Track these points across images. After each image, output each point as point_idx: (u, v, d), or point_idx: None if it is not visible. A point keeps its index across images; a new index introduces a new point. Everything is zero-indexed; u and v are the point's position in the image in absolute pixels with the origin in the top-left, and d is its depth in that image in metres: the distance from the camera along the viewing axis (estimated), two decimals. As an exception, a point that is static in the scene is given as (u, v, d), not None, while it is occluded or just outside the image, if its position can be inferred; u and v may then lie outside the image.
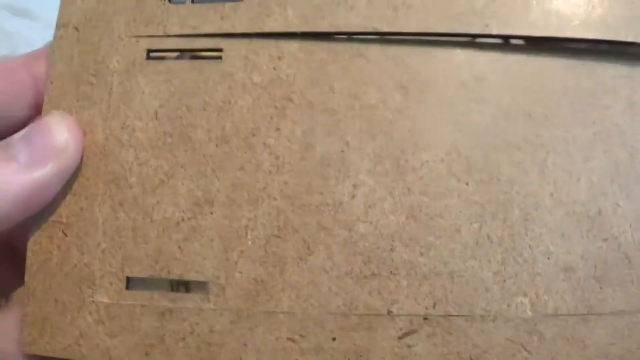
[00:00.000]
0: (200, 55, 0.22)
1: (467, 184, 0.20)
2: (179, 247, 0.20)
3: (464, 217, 0.20)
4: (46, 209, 0.20)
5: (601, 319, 0.19)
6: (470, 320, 0.19)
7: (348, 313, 0.19)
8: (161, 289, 0.20)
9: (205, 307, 0.20)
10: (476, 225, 0.20)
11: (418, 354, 0.19)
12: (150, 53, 0.21)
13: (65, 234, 0.21)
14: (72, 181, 0.21)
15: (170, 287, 0.21)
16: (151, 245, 0.20)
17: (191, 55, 0.22)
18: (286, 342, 0.20)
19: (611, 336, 0.19)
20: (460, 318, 0.19)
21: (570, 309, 0.19)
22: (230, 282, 0.20)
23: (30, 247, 0.20)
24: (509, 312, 0.19)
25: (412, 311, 0.19)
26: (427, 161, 0.20)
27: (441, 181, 0.20)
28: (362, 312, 0.19)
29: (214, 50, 0.21)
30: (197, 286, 0.20)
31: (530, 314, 0.19)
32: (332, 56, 0.21)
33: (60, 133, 0.20)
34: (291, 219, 0.20)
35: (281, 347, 0.19)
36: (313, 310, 0.20)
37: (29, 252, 0.20)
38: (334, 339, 0.19)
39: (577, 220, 0.20)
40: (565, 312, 0.19)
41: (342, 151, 0.20)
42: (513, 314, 0.19)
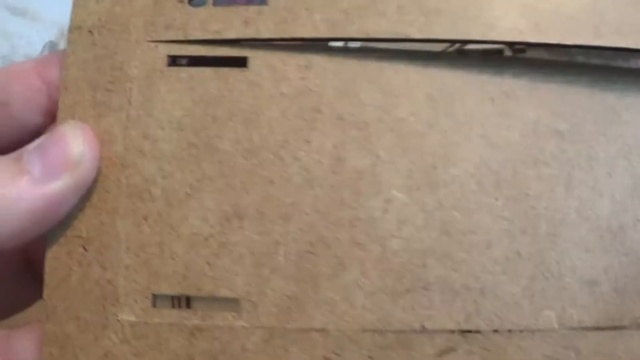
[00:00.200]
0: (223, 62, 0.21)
1: (497, 199, 0.20)
2: (208, 263, 0.20)
3: (494, 233, 0.20)
4: (64, 223, 0.19)
5: (637, 334, 0.20)
6: (507, 337, 0.20)
7: (383, 330, 0.19)
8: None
9: (236, 325, 0.19)
10: (506, 240, 0.20)
11: None
12: (174, 60, 0.20)
13: (85, 249, 0.20)
14: (91, 194, 0.20)
15: (171, 304, 0.20)
16: (179, 261, 0.20)
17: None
18: None
19: None
20: (497, 334, 0.20)
21: (594, 322, 0.20)
22: (262, 299, 0.20)
23: (48, 263, 0.19)
24: (537, 326, 0.20)
25: (445, 326, 0.20)
26: (458, 175, 0.20)
27: (472, 196, 0.20)
28: (397, 329, 0.19)
29: (239, 58, 0.21)
30: (227, 303, 0.20)
31: (556, 327, 0.20)
32: (361, 66, 0.21)
33: (76, 144, 0.19)
34: (324, 235, 0.20)
35: None
36: (347, 327, 0.19)
37: (47, 268, 0.19)
38: (371, 358, 0.19)
39: (600, 235, 0.20)
40: (589, 325, 0.20)
41: (374, 165, 0.20)
42: (541, 327, 0.20)
